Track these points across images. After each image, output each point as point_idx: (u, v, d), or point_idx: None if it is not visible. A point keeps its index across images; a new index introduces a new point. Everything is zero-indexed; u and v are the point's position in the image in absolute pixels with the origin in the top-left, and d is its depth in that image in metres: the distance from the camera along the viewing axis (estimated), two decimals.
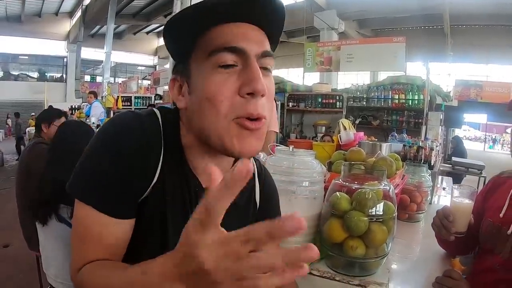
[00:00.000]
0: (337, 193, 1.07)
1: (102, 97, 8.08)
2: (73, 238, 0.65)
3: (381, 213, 1.02)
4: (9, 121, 16.63)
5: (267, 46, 0.64)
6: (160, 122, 0.68)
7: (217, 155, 0.67)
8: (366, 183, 1.07)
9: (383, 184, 1.08)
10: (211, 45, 0.60)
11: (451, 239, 1.19)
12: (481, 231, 1.21)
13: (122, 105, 8.54)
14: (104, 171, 0.62)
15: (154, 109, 0.71)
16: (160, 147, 0.66)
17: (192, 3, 0.66)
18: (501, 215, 1.15)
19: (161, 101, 8.55)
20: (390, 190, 1.08)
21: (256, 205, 0.82)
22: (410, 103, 5.86)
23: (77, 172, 0.64)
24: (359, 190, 1.05)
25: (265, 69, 0.63)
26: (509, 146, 1.38)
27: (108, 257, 0.63)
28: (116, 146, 0.62)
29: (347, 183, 1.09)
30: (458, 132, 9.14)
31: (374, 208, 1.01)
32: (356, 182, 1.08)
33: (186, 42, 0.63)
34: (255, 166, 0.85)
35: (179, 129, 0.69)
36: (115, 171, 0.61)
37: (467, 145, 8.96)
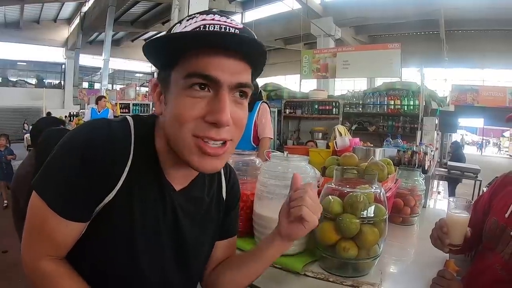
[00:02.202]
0: (330, 196, 1.10)
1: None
2: (27, 227, 0.69)
3: (372, 215, 1.05)
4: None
5: (244, 78, 0.65)
6: (132, 129, 0.71)
7: None
8: (358, 187, 1.09)
9: (374, 188, 1.11)
10: (188, 68, 0.62)
11: (445, 251, 1.20)
12: (486, 229, 1.22)
13: (121, 112, 8.54)
14: (63, 171, 0.65)
15: (127, 116, 0.74)
16: (127, 154, 0.68)
17: (188, 13, 0.70)
18: (506, 215, 1.15)
19: None
20: (381, 193, 1.10)
21: (223, 200, 0.90)
22: (405, 109, 5.90)
23: (43, 167, 0.67)
24: (351, 193, 1.07)
25: (240, 96, 0.67)
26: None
27: (53, 253, 0.69)
28: (79, 146, 0.65)
29: (339, 187, 1.12)
30: (456, 136, 9.20)
31: (365, 211, 1.04)
32: (348, 186, 1.11)
33: (169, 59, 0.65)
34: None
35: (154, 135, 0.73)
36: (72, 171, 0.64)
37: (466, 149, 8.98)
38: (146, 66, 23.00)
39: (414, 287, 1.13)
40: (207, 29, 0.62)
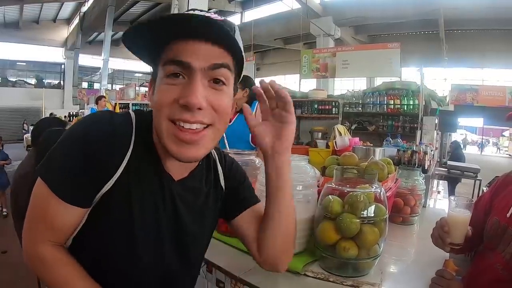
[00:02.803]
0: (330, 196, 1.10)
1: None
2: (30, 212, 0.71)
3: (373, 215, 1.05)
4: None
5: (221, 60, 0.67)
6: (133, 122, 0.73)
7: None
8: (358, 186, 1.09)
9: (374, 187, 1.10)
10: (165, 57, 0.65)
11: (446, 250, 1.19)
12: (487, 228, 1.22)
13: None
14: (65, 157, 0.68)
15: (130, 111, 0.76)
16: (127, 145, 0.70)
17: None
18: (508, 215, 1.14)
19: None
20: (382, 193, 1.10)
21: (222, 188, 0.90)
22: (405, 108, 5.88)
23: (47, 155, 0.69)
24: (351, 193, 1.07)
25: (216, 82, 0.68)
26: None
27: (53, 238, 0.71)
28: (81, 136, 0.67)
29: (339, 187, 1.11)
30: (455, 136, 9.19)
31: (365, 211, 1.04)
32: (348, 186, 1.10)
33: (153, 53, 0.68)
34: (215, 154, 0.91)
35: (152, 128, 0.74)
36: (73, 158, 0.66)
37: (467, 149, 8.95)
38: (145, 66, 22.87)
39: (415, 287, 1.13)
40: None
